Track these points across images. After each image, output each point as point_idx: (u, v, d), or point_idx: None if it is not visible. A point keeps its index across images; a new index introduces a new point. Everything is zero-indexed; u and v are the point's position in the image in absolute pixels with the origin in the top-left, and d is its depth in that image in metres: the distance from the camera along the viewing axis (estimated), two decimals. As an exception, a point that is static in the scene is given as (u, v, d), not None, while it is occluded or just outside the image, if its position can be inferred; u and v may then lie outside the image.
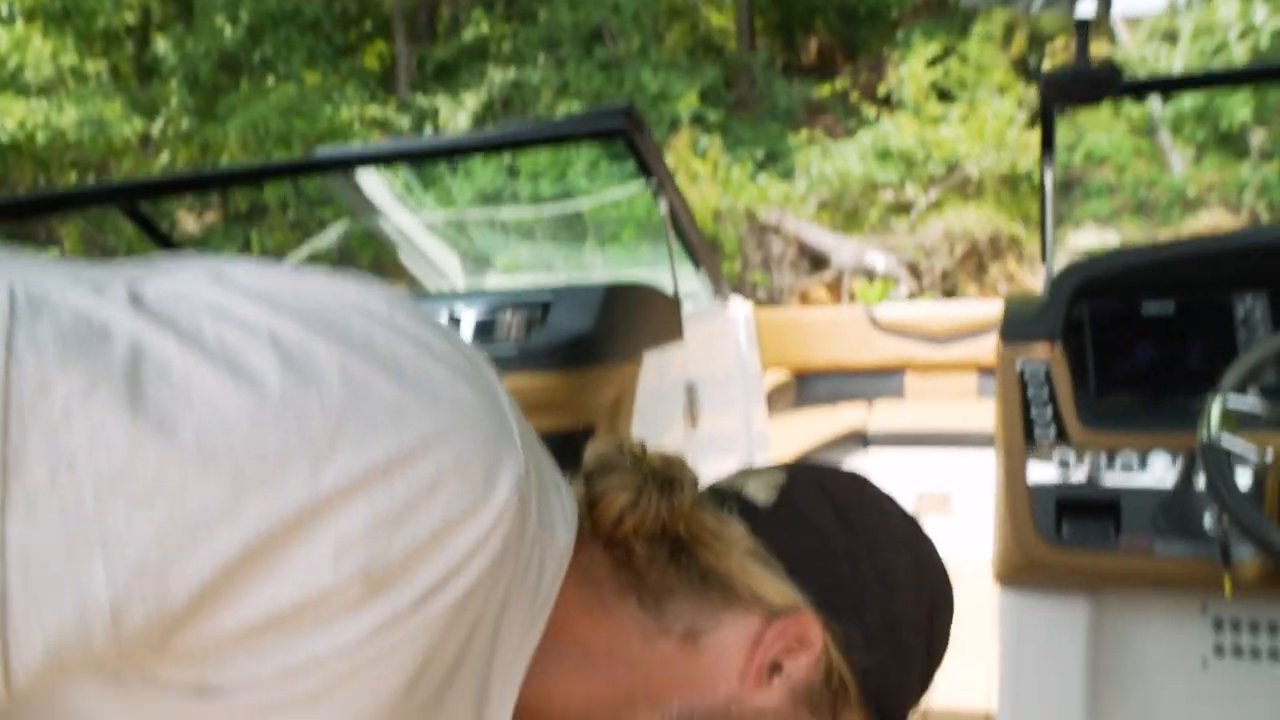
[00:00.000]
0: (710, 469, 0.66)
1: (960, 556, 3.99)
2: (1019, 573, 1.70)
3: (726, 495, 0.66)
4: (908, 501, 4.41)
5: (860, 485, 0.69)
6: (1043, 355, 1.70)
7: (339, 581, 0.45)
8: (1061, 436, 1.63)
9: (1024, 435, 1.65)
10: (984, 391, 4.39)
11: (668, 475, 0.63)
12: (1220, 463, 1.31)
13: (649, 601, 0.62)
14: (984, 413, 3.90)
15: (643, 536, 0.62)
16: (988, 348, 1.68)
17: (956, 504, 3.94)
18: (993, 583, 1.82)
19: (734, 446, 2.77)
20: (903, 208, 9.10)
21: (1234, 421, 1.35)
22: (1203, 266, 1.68)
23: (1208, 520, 1.50)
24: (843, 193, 9.10)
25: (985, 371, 4.33)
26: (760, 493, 0.66)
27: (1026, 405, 1.67)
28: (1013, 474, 1.64)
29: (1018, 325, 1.75)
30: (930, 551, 0.69)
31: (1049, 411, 1.65)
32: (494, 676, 0.57)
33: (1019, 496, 1.63)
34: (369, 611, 0.46)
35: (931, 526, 0.70)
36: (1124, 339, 1.73)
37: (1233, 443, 1.33)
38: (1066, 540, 1.59)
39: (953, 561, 0.68)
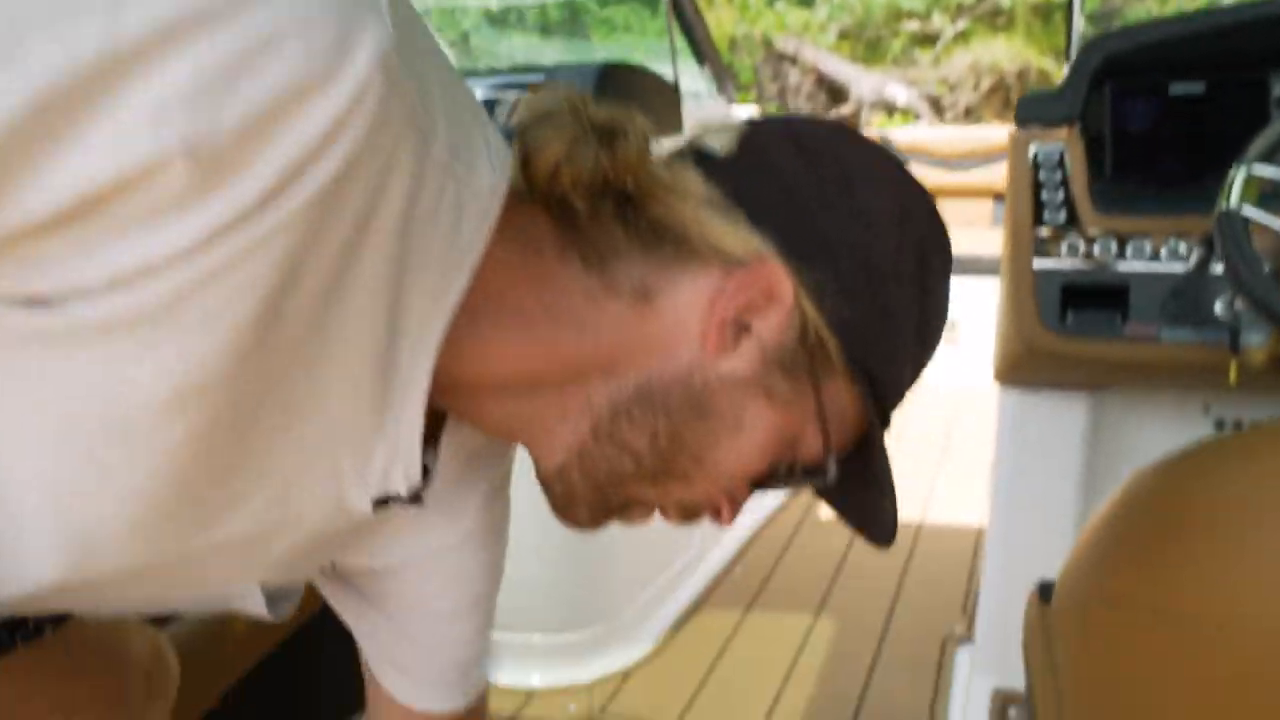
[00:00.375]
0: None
1: (965, 384, 3.97)
2: (1019, 366, 1.64)
3: (683, 150, 0.59)
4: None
5: (834, 127, 0.61)
6: (1058, 138, 1.60)
7: (159, 154, 0.38)
8: (1073, 223, 1.55)
9: (1032, 220, 1.57)
10: (998, 219, 4.28)
11: (610, 125, 0.55)
12: (1238, 232, 1.23)
13: (593, 259, 0.55)
14: (997, 240, 3.80)
15: (582, 190, 0.55)
16: (1004, 174, 1.59)
17: (964, 332, 3.88)
18: (993, 382, 1.78)
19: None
20: (928, 38, 8.74)
21: (1258, 192, 1.26)
22: (1238, 39, 1.56)
23: (1219, 306, 1.43)
24: (865, 21, 8.73)
25: (1001, 198, 4.21)
26: (719, 142, 0.58)
27: (1038, 189, 1.58)
28: (1018, 260, 1.56)
29: (1033, 107, 1.64)
30: (918, 192, 0.61)
31: (1061, 195, 1.56)
32: (404, 331, 0.50)
33: (1023, 283, 1.55)
34: (207, 206, 0.39)
35: (938, 355, 0.64)
36: (1148, 121, 1.62)
37: (1254, 213, 1.24)
38: (1070, 329, 1.53)
39: (958, 389, 0.61)
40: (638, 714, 1.96)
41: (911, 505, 2.96)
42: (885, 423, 0.62)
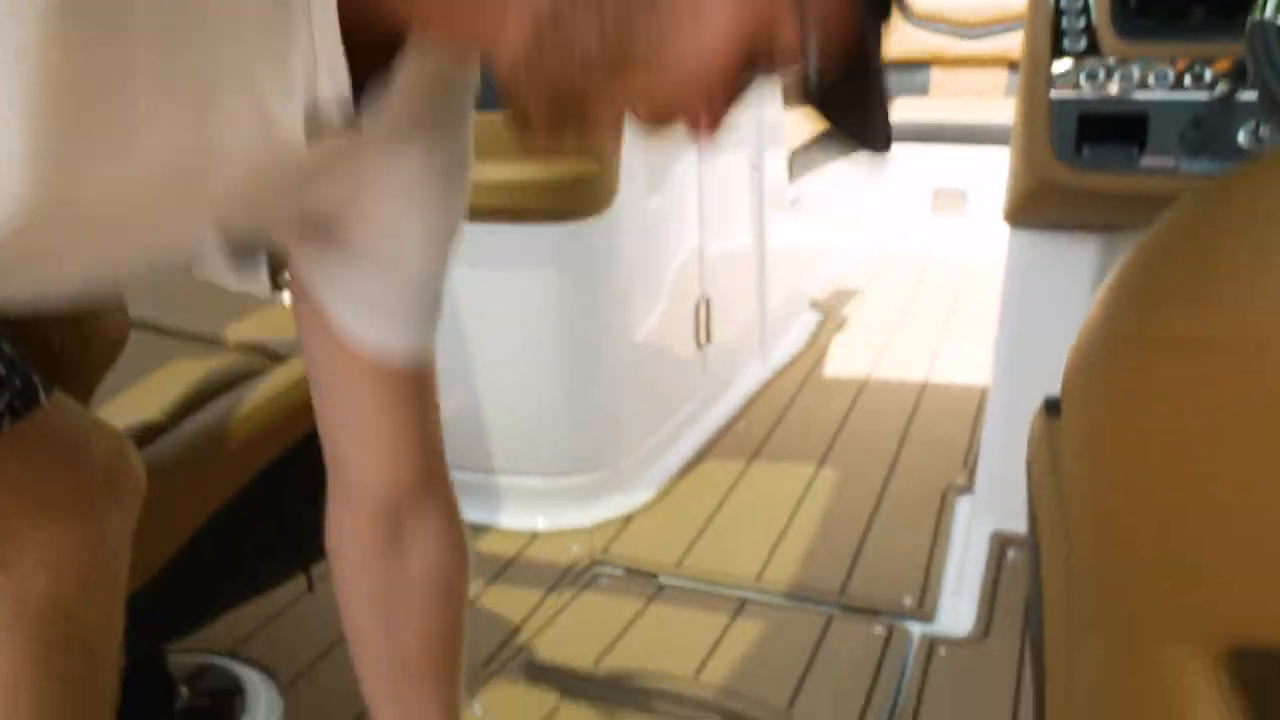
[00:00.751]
0: (719, 159, 0.52)
1: (971, 256, 3.93)
2: (1031, 204, 1.61)
3: None
4: (923, 198, 4.21)
5: None
6: (1083, -36, 1.54)
7: None
8: (1093, 51, 1.50)
9: (1051, 50, 1.51)
10: (1012, 90, 4.17)
11: None
12: (1271, 44, 1.18)
13: None
14: (1009, 110, 3.71)
15: None
16: (1019, 42, 1.53)
17: (971, 203, 3.83)
18: (1003, 223, 1.74)
19: (744, 136, 2.62)
20: (945, -88, 8.43)
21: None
22: None
23: (1242, 135, 1.39)
24: (882, -108, 8.40)
25: (1015, 67, 4.10)
26: None
27: (1058, 17, 1.52)
28: (1034, 90, 1.52)
29: (1058, -68, 1.57)
30: None
31: (1081, 23, 1.50)
32: None
33: (1039, 114, 1.51)
34: None
35: (945, 226, 0.59)
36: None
37: (1289, 25, 1.19)
38: (1086, 162, 1.49)
39: (963, 261, 0.56)
40: (637, 557, 1.99)
41: (915, 370, 2.95)
42: (884, 12, 0.57)
